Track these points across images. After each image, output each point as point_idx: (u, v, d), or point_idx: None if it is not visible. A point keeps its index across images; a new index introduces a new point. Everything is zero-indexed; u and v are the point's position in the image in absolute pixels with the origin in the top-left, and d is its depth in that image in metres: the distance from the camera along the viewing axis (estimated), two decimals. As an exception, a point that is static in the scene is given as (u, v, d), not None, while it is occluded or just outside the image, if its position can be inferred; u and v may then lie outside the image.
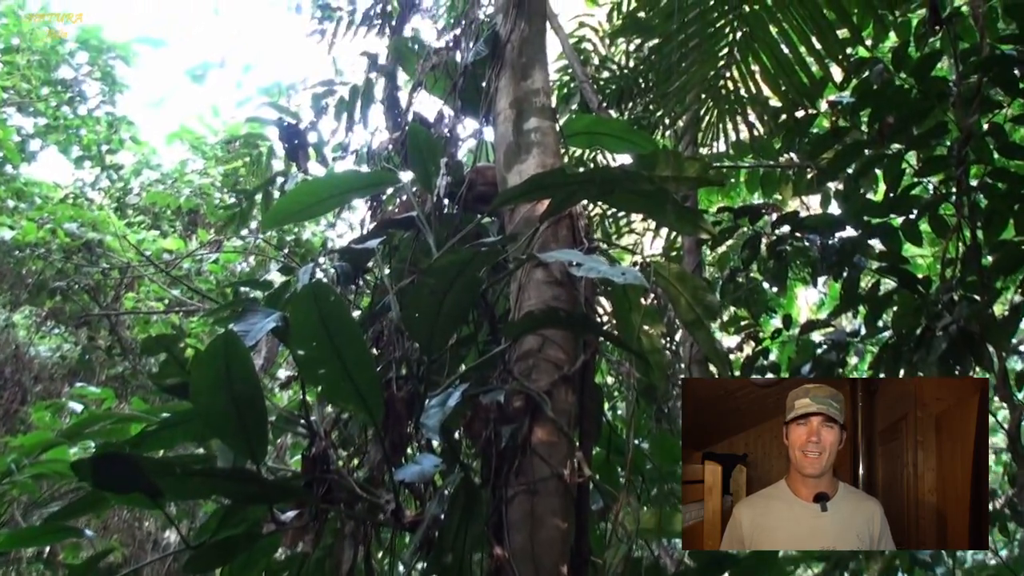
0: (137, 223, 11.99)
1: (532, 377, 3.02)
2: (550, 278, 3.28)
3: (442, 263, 2.80)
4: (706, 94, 5.61)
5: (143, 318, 10.53)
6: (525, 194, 3.30)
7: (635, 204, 3.59)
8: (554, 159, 3.75)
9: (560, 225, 3.47)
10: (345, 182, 3.93)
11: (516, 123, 3.85)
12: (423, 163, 3.73)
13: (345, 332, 2.64)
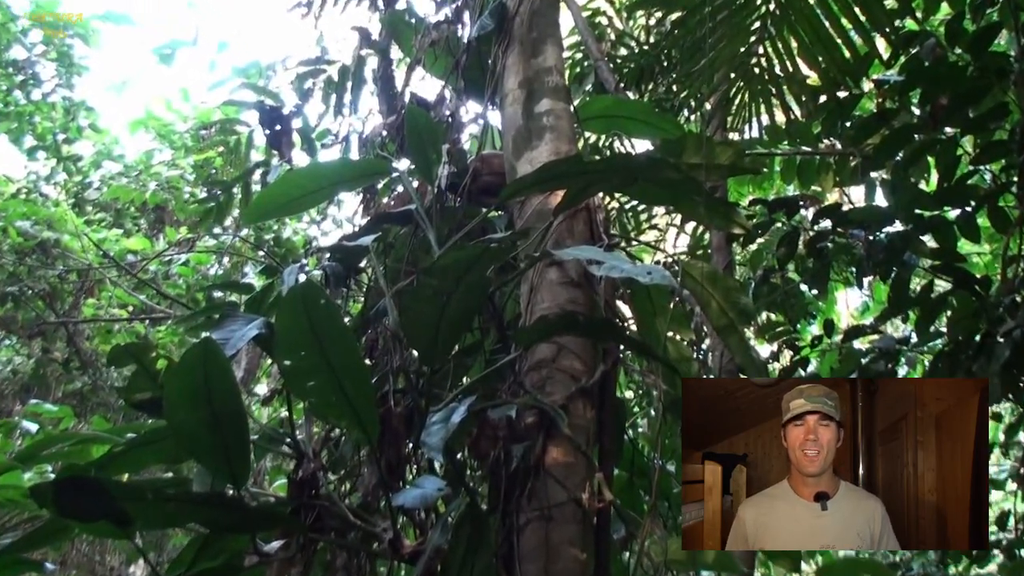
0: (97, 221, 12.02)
1: (546, 390, 3.02)
2: (565, 278, 3.29)
3: (444, 262, 2.80)
4: (736, 72, 5.62)
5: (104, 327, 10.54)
6: (537, 184, 3.30)
7: (660, 196, 3.59)
8: (569, 145, 3.76)
9: (576, 219, 3.47)
10: (334, 173, 3.93)
11: (526, 105, 3.86)
12: (422, 150, 3.74)
13: (337, 340, 2.64)
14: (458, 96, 4.39)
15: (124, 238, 11.25)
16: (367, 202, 4.47)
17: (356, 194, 4.52)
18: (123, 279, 10.55)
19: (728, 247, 5.94)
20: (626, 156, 4.55)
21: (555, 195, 3.39)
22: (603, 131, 5.60)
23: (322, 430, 3.54)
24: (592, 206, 3.52)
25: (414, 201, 3.69)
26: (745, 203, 6.69)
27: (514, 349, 3.19)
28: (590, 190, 3.31)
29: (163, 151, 12.62)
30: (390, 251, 4.04)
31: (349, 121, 5.78)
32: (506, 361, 3.15)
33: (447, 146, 3.88)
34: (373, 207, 4.43)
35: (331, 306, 2.68)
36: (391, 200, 4.24)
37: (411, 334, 2.98)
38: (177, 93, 13.57)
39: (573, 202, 3.29)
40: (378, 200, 4.49)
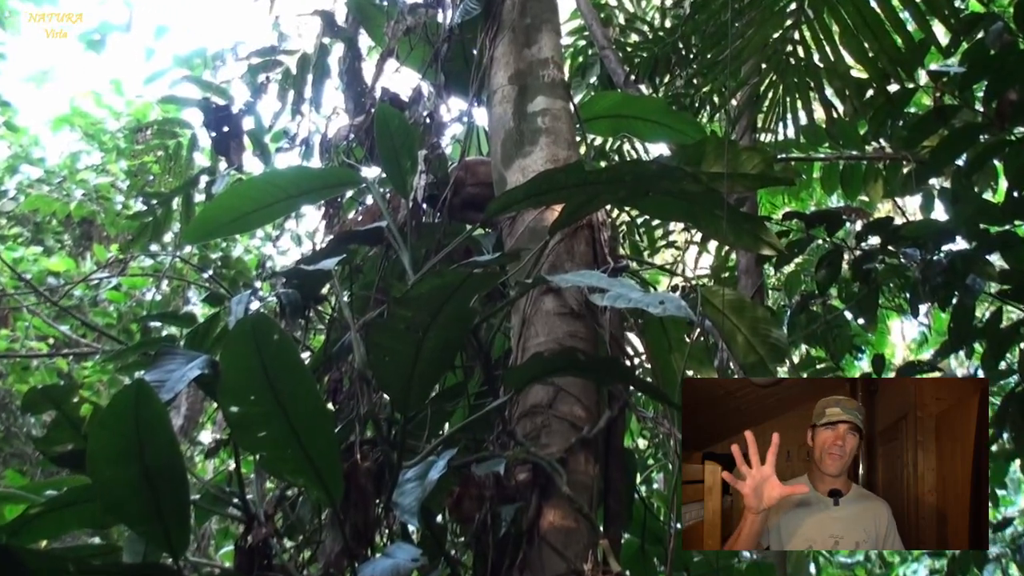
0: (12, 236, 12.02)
1: (541, 441, 3.04)
2: (564, 308, 3.31)
3: (421, 290, 2.82)
4: (767, 63, 5.66)
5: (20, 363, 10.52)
6: (530, 197, 3.35)
7: (675, 210, 3.63)
8: (568, 151, 3.80)
9: (577, 238, 3.51)
10: (291, 183, 3.98)
11: (518, 104, 3.90)
12: (394, 157, 3.77)
13: (293, 382, 2.66)
14: (438, 93, 4.43)
15: (44, 257, 11.24)
16: (330, 218, 4.49)
17: (318, 208, 4.54)
18: (42, 307, 10.53)
19: (758, 269, 5.97)
20: (636, 163, 4.56)
21: (552, 210, 3.43)
22: (609, 133, 5.61)
23: (276, 488, 3.55)
24: (596, 223, 3.56)
25: (385, 217, 3.72)
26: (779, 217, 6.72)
27: (503, 392, 3.21)
28: (593, 204, 3.35)
29: (91, 154, 12.62)
30: (357, 276, 4.07)
31: (310, 121, 5.81)
32: (494, 406, 3.17)
33: (424, 152, 3.92)
34: (337, 223, 4.45)
35: (287, 341, 2.70)
36: (358, 215, 4.28)
37: (381, 375, 3.00)
38: (108, 86, 13.60)
39: (573, 218, 3.33)
40: (343, 215, 4.52)
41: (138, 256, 10.73)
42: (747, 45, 5.57)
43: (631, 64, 7.02)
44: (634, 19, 7.55)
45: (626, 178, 3.27)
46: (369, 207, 4.19)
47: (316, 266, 3.63)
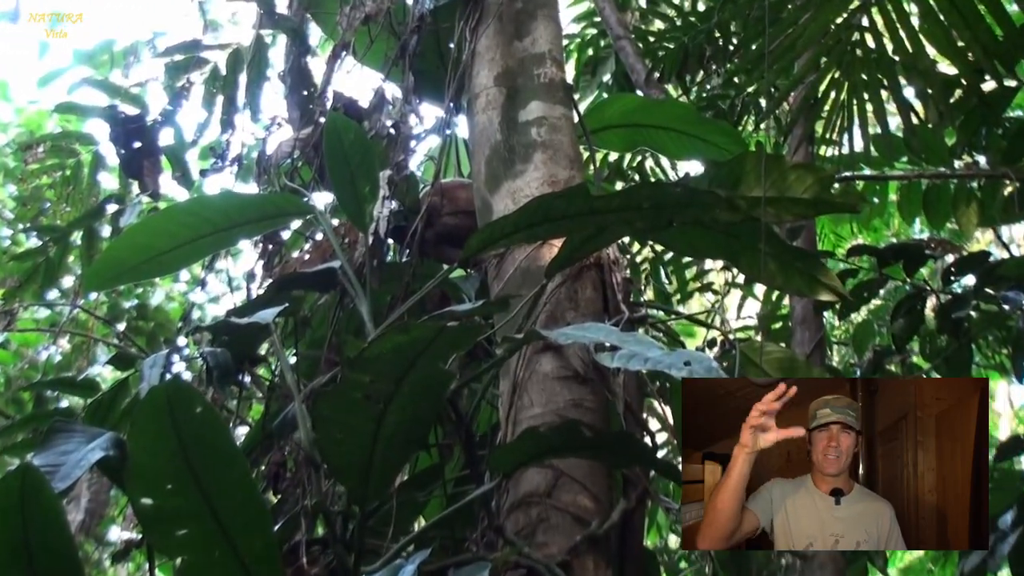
0: None
1: (537, 539, 3.05)
2: (566, 371, 3.34)
3: (383, 348, 2.84)
4: (829, 56, 5.67)
5: None
6: (522, 230, 3.36)
7: (708, 244, 3.66)
8: (570, 170, 3.83)
9: (581, 282, 3.54)
10: (221, 213, 4.01)
11: (507, 111, 3.94)
12: (350, 179, 3.80)
13: (221, 466, 2.68)
14: (405, 98, 4.46)
15: (-92, 308, 11.25)
16: (270, 256, 4.51)
17: (255, 244, 4.56)
18: (-94, 371, 10.57)
19: (818, 319, 5.97)
20: (657, 186, 4.54)
21: (550, 246, 3.46)
22: (625, 148, 5.63)
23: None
24: (606, 262, 3.59)
25: (338, 255, 3.74)
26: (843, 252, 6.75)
27: (489, 478, 3.22)
28: (602, 238, 3.38)
29: (-32, 176, 12.67)
30: (303, 330, 4.09)
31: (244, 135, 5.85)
32: (477, 495, 3.19)
33: (388, 172, 3.95)
34: (279, 264, 4.47)
35: (212, 415, 2.72)
36: (305, 253, 4.30)
37: (334, 457, 3.01)
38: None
39: (577, 256, 3.36)
40: (286, 253, 4.54)
41: (30, 306, 10.76)
42: (802, 34, 5.56)
43: (654, 58, 7.00)
44: (658, 0, 7.58)
45: (644, 205, 3.27)
46: (319, 243, 4.21)
47: (252, 318, 3.63)
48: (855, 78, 5.67)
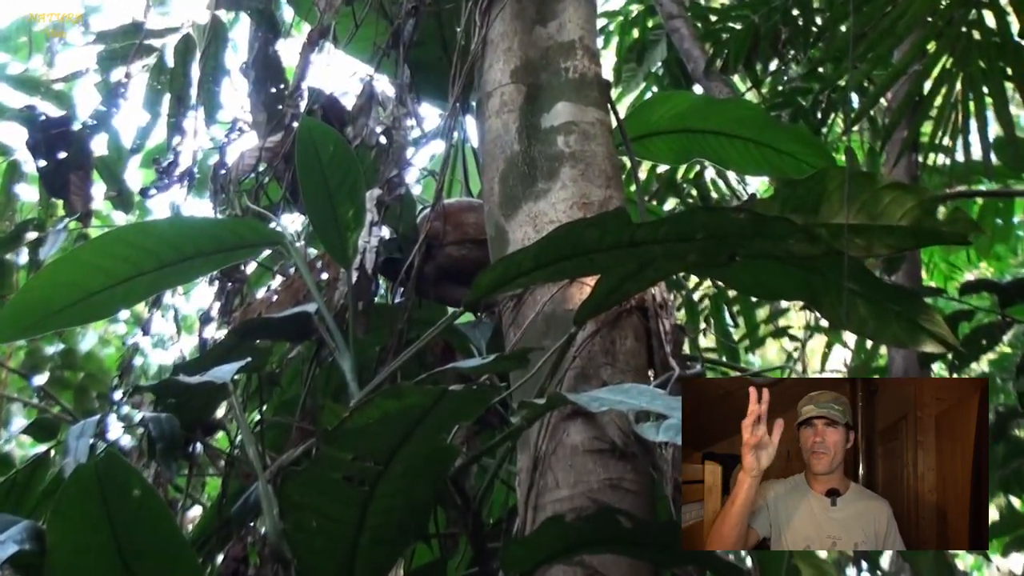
0: None
1: (565, 658, 3.06)
2: (600, 444, 3.34)
3: (370, 416, 2.84)
4: (939, 41, 5.67)
5: None
6: (546, 266, 3.34)
7: (782, 283, 3.67)
8: (606, 188, 3.84)
9: (621, 329, 3.54)
10: (167, 243, 4.00)
11: (527, 114, 3.94)
12: (328, 201, 3.80)
13: (164, 563, 2.69)
14: (399, 97, 4.46)
15: None
16: (228, 297, 4.53)
17: (210, 282, 4.58)
18: None
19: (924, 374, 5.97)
20: (714, 212, 4.49)
21: (580, 285, 3.47)
22: (676, 159, 5.55)
23: None
24: (651, 304, 3.59)
25: (314, 297, 3.75)
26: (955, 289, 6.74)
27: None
28: (646, 275, 3.37)
29: None
30: (270, 392, 4.09)
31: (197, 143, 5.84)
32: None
33: (378, 192, 3.96)
34: (239, 306, 4.48)
35: (154, 500, 2.73)
36: (272, 293, 4.30)
37: (306, 552, 3.02)
38: None
39: (614, 298, 3.36)
40: (249, 293, 4.55)
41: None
42: (904, 12, 5.55)
43: (715, 43, 7.00)
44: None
45: (698, 234, 3.26)
46: (289, 280, 4.22)
47: (206, 375, 3.64)
48: (972, 68, 5.66)
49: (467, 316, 3.86)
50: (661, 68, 7.21)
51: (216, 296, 4.58)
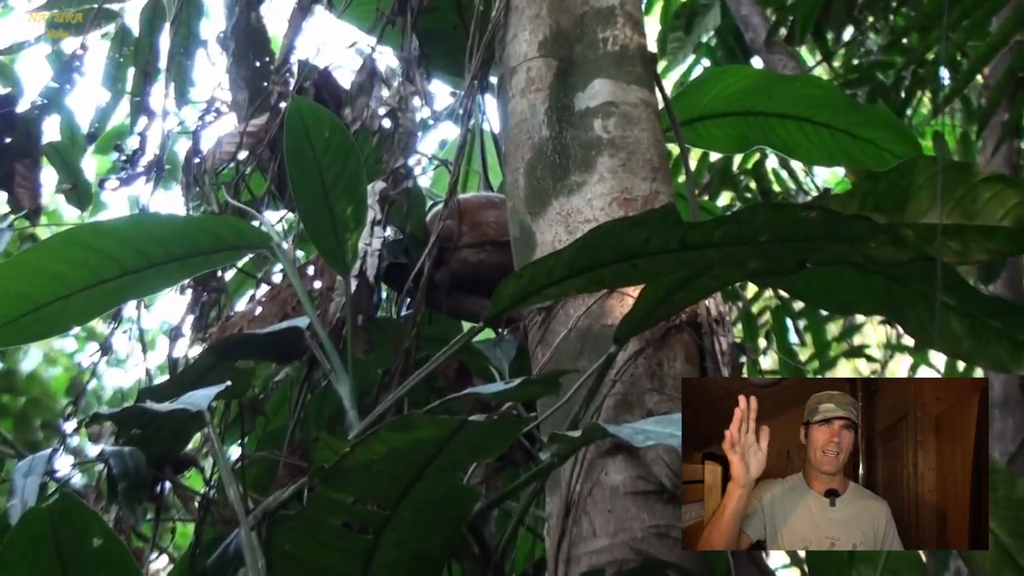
0: None
1: None
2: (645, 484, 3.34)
3: (374, 452, 2.84)
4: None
5: None
6: (581, 273, 3.32)
7: (860, 294, 3.66)
8: (652, 181, 3.83)
9: (669, 349, 3.54)
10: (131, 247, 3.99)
11: (558, 93, 3.94)
12: (323, 195, 3.79)
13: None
14: (407, 73, 4.46)
15: None
16: (203, 308, 4.52)
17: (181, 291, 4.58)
18: None
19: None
20: (781, 210, 4.38)
21: (620, 297, 3.46)
22: (734, 146, 5.49)
23: None
24: (705, 319, 3.59)
25: (305, 309, 3.74)
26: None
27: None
28: (699, 285, 3.36)
29: None
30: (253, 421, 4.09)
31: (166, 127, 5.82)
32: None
33: (381, 184, 3.95)
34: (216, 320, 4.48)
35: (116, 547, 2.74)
36: (256, 304, 4.29)
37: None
38: None
39: (660, 312, 3.35)
40: (227, 304, 4.55)
41: None
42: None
43: (778, 9, 6.97)
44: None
45: (761, 236, 3.26)
46: (276, 290, 4.21)
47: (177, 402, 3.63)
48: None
49: (486, 333, 3.83)
50: (714, 38, 7.19)
51: (189, 308, 4.57)
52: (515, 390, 3.25)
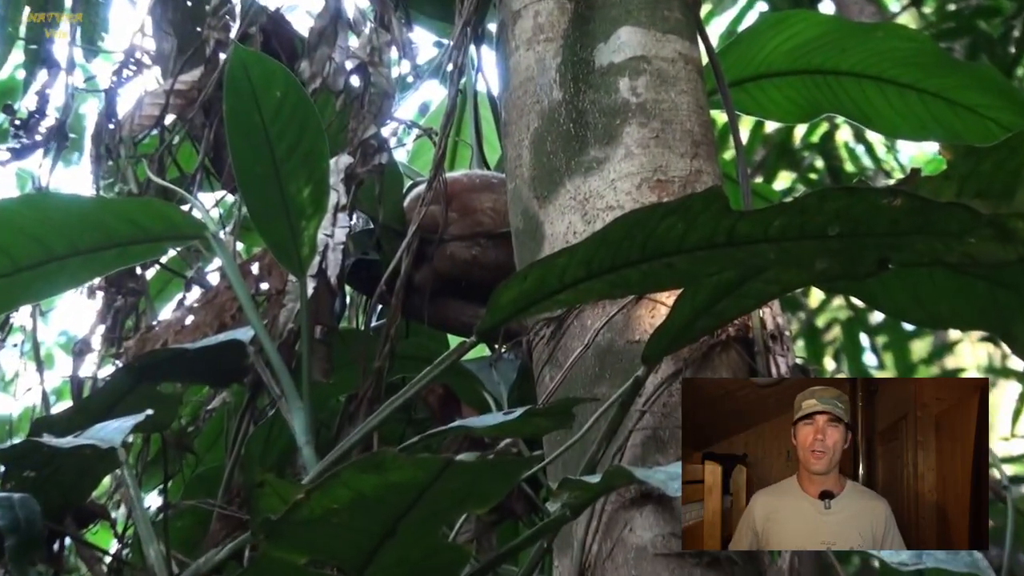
0: None
1: None
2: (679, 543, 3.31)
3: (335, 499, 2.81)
4: None
5: None
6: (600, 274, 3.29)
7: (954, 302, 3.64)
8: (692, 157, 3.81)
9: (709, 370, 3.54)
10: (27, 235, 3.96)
11: (573, 43, 3.93)
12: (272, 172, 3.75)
13: None
14: (382, 19, 4.42)
15: None
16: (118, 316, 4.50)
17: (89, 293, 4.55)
18: None
19: None
20: (857, 195, 4.26)
21: (650, 305, 3.43)
22: (798, 114, 5.46)
23: None
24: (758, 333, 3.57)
25: (248, 317, 3.71)
26: None
27: None
28: (750, 291, 3.34)
29: None
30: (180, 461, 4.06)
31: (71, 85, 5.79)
32: None
33: (347, 159, 3.91)
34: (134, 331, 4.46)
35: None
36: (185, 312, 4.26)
37: None
38: None
39: (701, 324, 3.31)
40: (147, 311, 4.52)
41: None
42: None
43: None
44: None
45: (831, 229, 3.21)
46: (211, 293, 4.17)
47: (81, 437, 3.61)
48: None
49: (480, 349, 3.80)
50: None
51: (99, 315, 4.54)
52: (516, 423, 3.22)
